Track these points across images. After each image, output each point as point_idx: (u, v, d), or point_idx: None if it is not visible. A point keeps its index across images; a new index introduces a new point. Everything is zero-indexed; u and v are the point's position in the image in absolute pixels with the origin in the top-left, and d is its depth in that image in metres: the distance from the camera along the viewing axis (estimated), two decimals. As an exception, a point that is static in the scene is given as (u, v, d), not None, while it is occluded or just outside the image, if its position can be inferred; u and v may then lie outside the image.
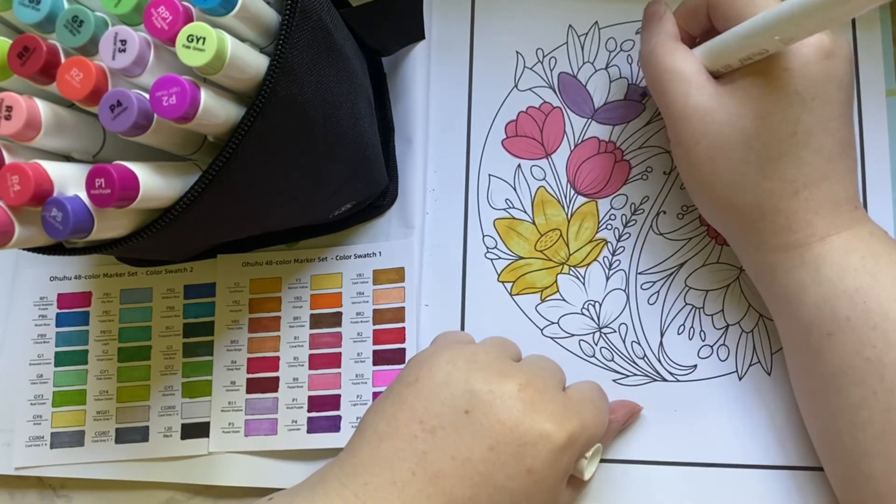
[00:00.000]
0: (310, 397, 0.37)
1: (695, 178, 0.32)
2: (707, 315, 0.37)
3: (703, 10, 0.32)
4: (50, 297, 0.39)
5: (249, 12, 0.25)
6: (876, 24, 0.38)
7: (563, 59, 0.40)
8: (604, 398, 0.33)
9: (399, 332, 0.37)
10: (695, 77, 0.31)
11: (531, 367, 0.32)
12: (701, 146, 0.31)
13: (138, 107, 0.23)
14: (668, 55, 0.32)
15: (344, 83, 0.31)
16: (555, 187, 0.39)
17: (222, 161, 0.25)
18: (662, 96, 0.32)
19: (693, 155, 0.31)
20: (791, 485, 0.34)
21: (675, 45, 0.32)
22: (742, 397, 0.36)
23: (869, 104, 0.38)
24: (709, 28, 0.33)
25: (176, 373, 0.38)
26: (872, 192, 0.37)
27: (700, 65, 0.31)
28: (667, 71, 0.31)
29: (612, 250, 0.38)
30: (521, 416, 0.28)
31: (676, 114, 0.31)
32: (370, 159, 0.35)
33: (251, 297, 0.38)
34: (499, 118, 0.40)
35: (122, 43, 0.23)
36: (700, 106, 0.30)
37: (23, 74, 0.24)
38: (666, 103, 0.32)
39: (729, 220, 0.32)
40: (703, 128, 0.30)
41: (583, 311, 0.37)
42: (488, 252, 0.38)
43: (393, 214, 0.39)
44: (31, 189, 0.23)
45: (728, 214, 0.32)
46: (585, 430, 0.30)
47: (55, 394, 0.38)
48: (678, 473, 0.35)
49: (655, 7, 0.34)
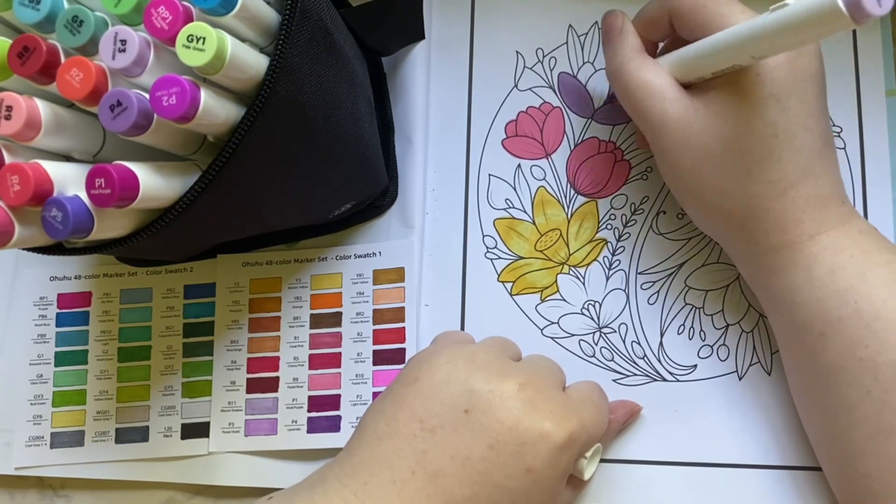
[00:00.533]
0: (310, 397, 0.37)
1: (683, 188, 0.32)
2: (707, 315, 0.37)
3: (665, 18, 0.32)
4: (50, 297, 0.39)
5: (249, 12, 0.25)
6: (876, 25, 0.38)
7: (563, 58, 0.40)
8: (604, 398, 0.33)
9: (399, 332, 0.37)
10: (668, 91, 0.31)
11: (531, 366, 0.32)
12: (684, 159, 0.31)
13: (138, 107, 0.23)
14: (637, 71, 0.32)
15: (344, 83, 0.31)
16: (555, 187, 0.39)
17: (222, 161, 0.25)
18: (638, 113, 0.32)
19: (678, 167, 0.31)
20: (790, 485, 0.34)
21: (642, 60, 0.32)
22: (742, 397, 0.36)
23: (869, 104, 0.38)
24: (670, 34, 0.33)
25: (176, 373, 0.38)
26: (872, 193, 0.37)
27: (670, 77, 0.31)
28: (638, 88, 0.31)
29: (612, 250, 0.38)
30: (521, 415, 0.28)
31: (655, 129, 0.31)
32: (370, 159, 0.35)
33: (251, 297, 0.38)
34: (499, 118, 0.40)
35: (122, 43, 0.23)
36: (678, 120, 0.30)
37: (23, 74, 0.24)
38: (643, 119, 0.32)
39: (720, 225, 0.33)
40: (684, 140, 0.30)
41: (583, 311, 0.37)
42: (488, 252, 0.38)
43: (393, 214, 0.39)
44: (31, 189, 0.23)
45: (718, 220, 0.32)
46: (585, 429, 0.30)
47: (55, 394, 0.38)
48: (678, 473, 0.35)
49: (613, 20, 0.34)
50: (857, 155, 0.37)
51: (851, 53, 0.38)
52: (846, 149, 0.38)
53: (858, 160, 0.37)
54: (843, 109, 0.38)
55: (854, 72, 0.38)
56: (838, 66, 0.38)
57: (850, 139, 0.38)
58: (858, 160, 0.37)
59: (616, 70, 0.33)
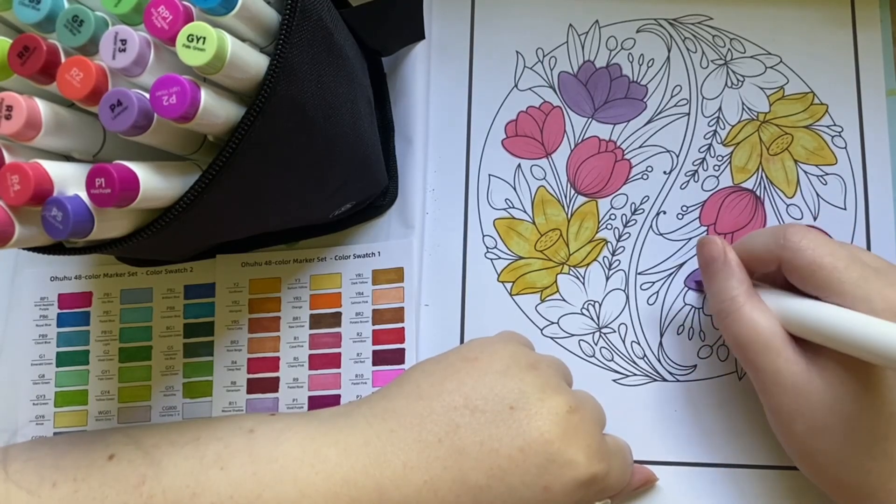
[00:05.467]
0: (310, 398, 0.37)
1: (795, 450, 0.30)
2: (707, 315, 0.37)
3: (773, 261, 0.30)
4: (50, 297, 0.39)
5: (249, 12, 0.25)
6: (876, 24, 0.38)
7: (563, 58, 0.40)
8: (631, 459, 0.34)
9: (398, 332, 0.37)
10: (783, 349, 0.29)
11: (584, 397, 0.32)
12: (798, 424, 0.29)
13: (138, 106, 0.23)
14: (749, 315, 0.29)
15: (344, 83, 0.31)
16: (555, 187, 0.39)
17: (222, 161, 0.25)
18: (748, 363, 0.30)
19: (792, 430, 0.29)
20: (790, 485, 0.34)
21: (753, 304, 0.30)
22: (742, 397, 0.36)
23: (869, 104, 0.38)
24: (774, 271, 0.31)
25: (177, 373, 0.38)
26: (873, 192, 0.37)
27: (782, 330, 0.29)
28: (750, 338, 0.29)
29: (612, 250, 0.38)
30: (561, 435, 0.29)
31: (767, 386, 0.29)
32: (370, 159, 0.35)
33: (251, 297, 0.38)
34: (499, 118, 0.40)
35: (122, 43, 0.23)
36: (793, 385, 0.28)
37: (23, 74, 0.24)
38: (753, 371, 0.30)
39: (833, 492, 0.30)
40: (797, 406, 0.28)
41: (582, 311, 0.37)
42: (488, 252, 0.38)
43: (393, 214, 0.39)
44: (31, 189, 0.23)
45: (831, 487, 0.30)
46: (608, 477, 0.30)
47: (57, 394, 0.38)
48: (678, 473, 0.35)
49: (713, 248, 0.31)
50: (857, 155, 0.37)
51: (852, 53, 0.38)
52: (846, 149, 0.38)
53: (859, 160, 0.37)
54: (843, 109, 0.38)
55: (854, 72, 0.38)
56: (838, 66, 0.38)
57: (850, 139, 0.38)
58: (859, 160, 0.37)
59: (725, 312, 0.30)
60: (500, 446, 0.28)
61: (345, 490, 0.28)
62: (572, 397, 0.30)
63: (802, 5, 0.39)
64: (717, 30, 0.39)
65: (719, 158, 0.38)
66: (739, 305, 0.30)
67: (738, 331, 0.30)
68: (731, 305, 0.30)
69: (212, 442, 0.30)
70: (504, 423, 0.29)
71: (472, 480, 0.28)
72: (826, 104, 0.38)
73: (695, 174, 0.38)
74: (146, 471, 0.28)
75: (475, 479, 0.28)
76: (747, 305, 0.30)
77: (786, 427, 0.29)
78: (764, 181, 0.38)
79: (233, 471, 0.28)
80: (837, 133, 0.38)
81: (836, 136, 0.38)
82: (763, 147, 0.38)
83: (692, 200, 0.38)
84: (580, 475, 0.29)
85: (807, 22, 0.39)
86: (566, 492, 0.28)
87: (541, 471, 0.28)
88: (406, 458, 0.28)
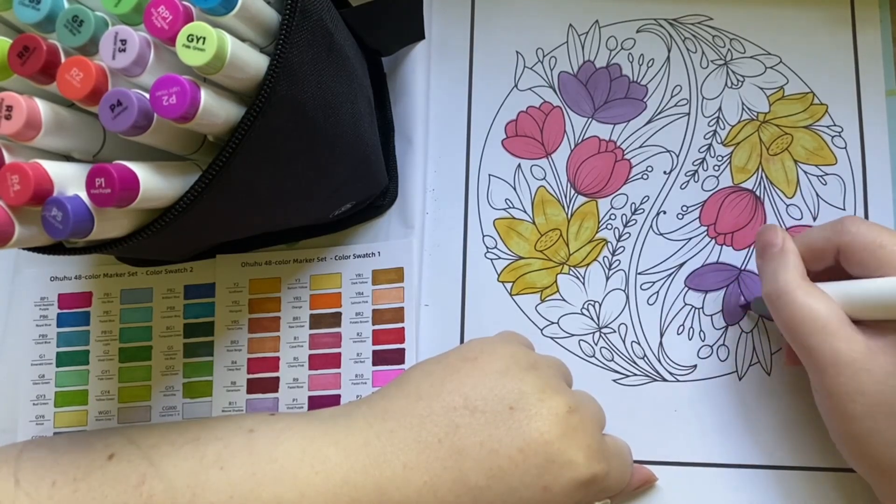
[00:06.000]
0: (310, 398, 0.37)
1: (847, 432, 0.29)
2: (707, 315, 0.37)
3: (831, 252, 0.30)
4: (50, 297, 0.39)
5: (249, 12, 0.25)
6: (876, 24, 0.38)
7: (563, 58, 0.40)
8: (631, 458, 0.34)
9: (398, 332, 0.37)
10: (840, 330, 0.28)
11: (584, 397, 0.32)
12: (857, 403, 0.28)
13: (138, 106, 0.23)
14: (805, 299, 0.29)
15: (344, 83, 0.31)
16: (555, 187, 0.39)
17: (222, 161, 0.25)
18: (804, 347, 0.29)
19: (849, 411, 0.29)
20: (791, 485, 0.34)
21: (809, 288, 0.29)
22: (742, 397, 0.36)
23: (869, 104, 0.38)
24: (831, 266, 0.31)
25: (177, 373, 0.38)
26: (873, 192, 0.37)
27: (840, 311, 0.29)
28: (807, 320, 0.29)
29: (612, 250, 0.38)
30: (560, 435, 0.29)
31: (824, 368, 0.29)
32: (370, 159, 0.35)
33: (251, 297, 0.38)
34: (499, 118, 0.40)
35: (122, 43, 0.23)
36: (852, 363, 0.28)
37: (23, 74, 0.24)
38: (808, 354, 0.29)
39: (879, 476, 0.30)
40: (857, 385, 0.28)
41: (583, 311, 0.37)
42: (488, 252, 0.38)
43: (393, 214, 0.39)
44: (31, 189, 0.23)
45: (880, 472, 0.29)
46: (608, 478, 0.30)
47: (57, 394, 0.38)
48: (678, 473, 0.35)
49: (771, 236, 0.32)
50: (857, 155, 0.37)
51: (851, 53, 0.38)
52: (846, 149, 0.38)
53: (859, 160, 0.37)
54: (842, 109, 0.38)
55: (854, 72, 0.38)
56: (838, 66, 0.38)
57: (850, 139, 0.38)
58: (859, 160, 0.37)
59: (778, 294, 0.30)
60: (499, 447, 0.28)
61: (344, 490, 0.28)
62: (572, 398, 0.30)
63: (802, 5, 0.39)
64: (717, 30, 0.39)
65: (719, 158, 0.38)
66: (794, 287, 0.30)
67: (792, 312, 0.29)
68: (785, 288, 0.30)
69: (211, 442, 0.30)
70: (503, 423, 0.29)
71: (471, 481, 0.28)
72: (826, 104, 0.38)
73: (695, 174, 0.38)
74: (146, 470, 0.28)
75: (475, 480, 0.28)
76: (802, 289, 0.30)
77: (841, 408, 0.29)
78: (764, 181, 0.38)
79: (232, 471, 0.28)
80: (837, 133, 0.38)
81: (835, 137, 0.38)
82: (763, 147, 0.38)
83: (692, 200, 0.38)
84: (580, 475, 0.29)
85: (807, 22, 0.39)
86: (566, 492, 0.29)
87: (540, 471, 0.28)
88: (406, 459, 0.28)
